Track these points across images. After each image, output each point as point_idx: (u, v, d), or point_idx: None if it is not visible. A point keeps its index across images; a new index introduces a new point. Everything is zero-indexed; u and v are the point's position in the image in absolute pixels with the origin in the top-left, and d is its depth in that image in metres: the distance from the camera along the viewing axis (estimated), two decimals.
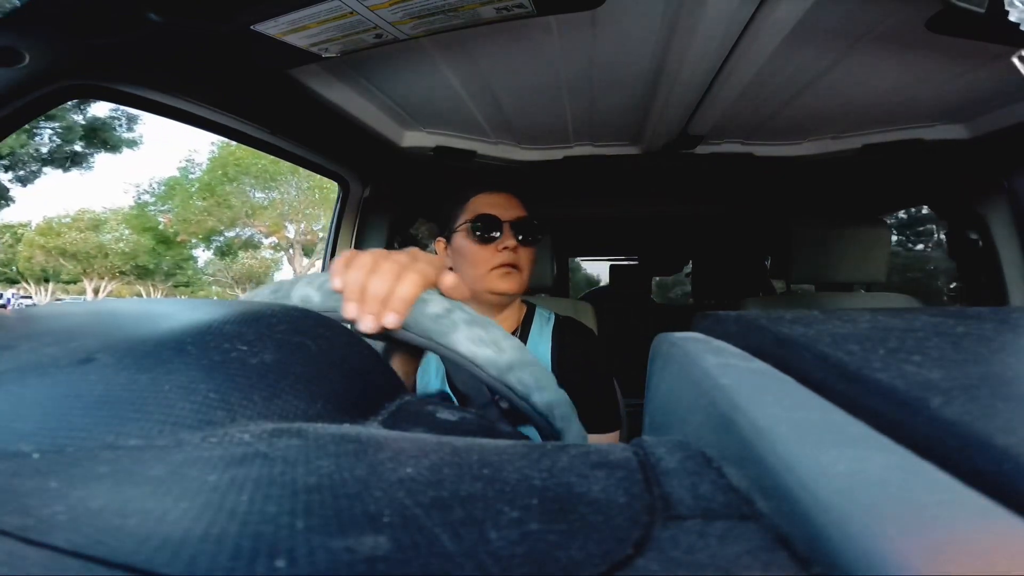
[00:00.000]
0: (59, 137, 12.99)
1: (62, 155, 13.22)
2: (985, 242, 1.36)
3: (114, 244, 18.71)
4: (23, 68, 0.61)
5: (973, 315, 0.25)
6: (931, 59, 0.86)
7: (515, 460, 0.17)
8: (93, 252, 18.34)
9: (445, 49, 0.86)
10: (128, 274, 19.17)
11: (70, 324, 0.24)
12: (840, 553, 0.11)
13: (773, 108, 1.09)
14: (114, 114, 14.04)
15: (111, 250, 18.52)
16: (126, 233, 18.84)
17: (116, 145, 14.22)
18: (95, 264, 18.42)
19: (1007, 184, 1.32)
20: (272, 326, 0.25)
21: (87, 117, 13.45)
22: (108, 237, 18.89)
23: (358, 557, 0.11)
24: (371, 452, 0.17)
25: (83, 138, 13.45)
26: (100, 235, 18.83)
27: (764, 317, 0.25)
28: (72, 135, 13.03)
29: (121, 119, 14.23)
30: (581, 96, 1.06)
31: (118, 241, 18.76)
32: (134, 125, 14.64)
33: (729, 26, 0.75)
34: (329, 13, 0.65)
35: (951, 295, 10.59)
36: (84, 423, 0.17)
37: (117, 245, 18.67)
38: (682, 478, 0.16)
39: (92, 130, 13.59)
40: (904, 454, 0.13)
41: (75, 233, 18.40)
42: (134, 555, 0.11)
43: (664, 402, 0.25)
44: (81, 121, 13.27)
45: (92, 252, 18.32)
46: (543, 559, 0.12)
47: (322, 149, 1.28)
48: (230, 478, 0.14)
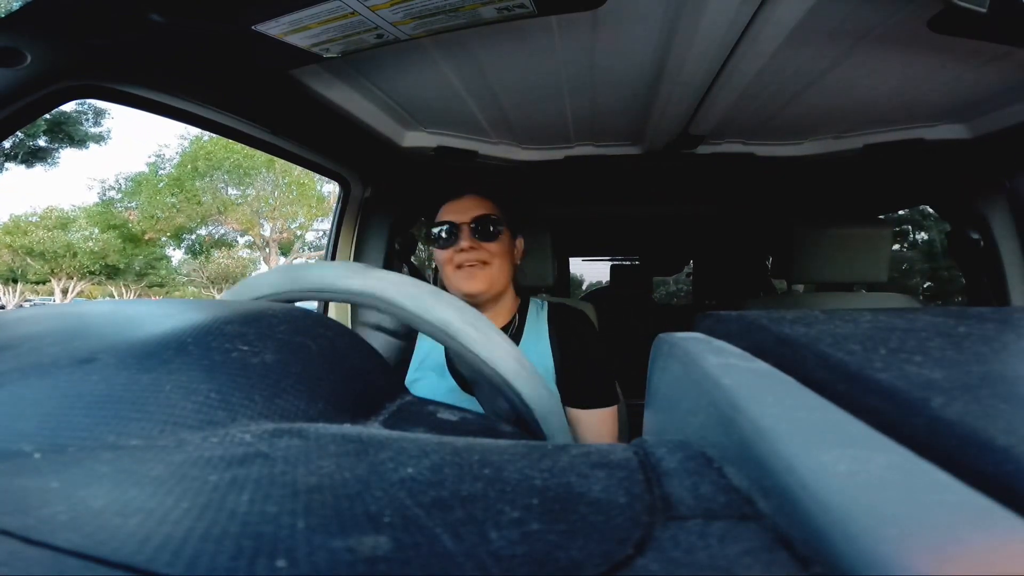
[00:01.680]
0: (23, 132, 12.77)
1: (25, 150, 12.95)
2: (986, 242, 1.36)
3: (83, 243, 18.32)
4: (24, 68, 0.61)
5: (974, 315, 0.25)
6: (933, 59, 0.86)
7: (516, 460, 0.17)
8: (61, 251, 17.96)
9: (446, 49, 0.86)
10: (98, 274, 18.82)
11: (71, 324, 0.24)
12: (841, 553, 0.11)
13: (774, 108, 1.09)
14: (80, 108, 13.77)
15: (80, 249, 18.15)
16: (95, 232, 18.51)
17: (82, 140, 13.97)
18: (63, 264, 18.08)
19: (1009, 184, 1.31)
20: (273, 326, 0.25)
21: (52, 112, 13.30)
22: (77, 236, 18.49)
23: (359, 557, 0.11)
24: (372, 452, 0.17)
25: (47, 132, 13.19)
26: (68, 234, 18.43)
27: (765, 317, 0.25)
28: (35, 129, 12.76)
29: (88, 113, 13.97)
30: (582, 96, 1.06)
31: (87, 240, 18.39)
32: (101, 119, 14.40)
33: (730, 26, 0.74)
34: (330, 13, 0.65)
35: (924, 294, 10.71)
36: (85, 423, 0.17)
37: (86, 244, 18.29)
38: (683, 478, 0.16)
39: (56, 124, 13.30)
40: (905, 454, 0.13)
41: (42, 232, 18.01)
42: (135, 555, 0.11)
43: (665, 402, 0.25)
44: (45, 116, 13.11)
45: (60, 251, 17.93)
46: (544, 559, 0.12)
47: (323, 149, 1.28)
48: (231, 478, 0.14)
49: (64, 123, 13.54)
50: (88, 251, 18.20)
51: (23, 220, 18.45)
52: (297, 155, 1.22)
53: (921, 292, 10.85)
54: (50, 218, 18.69)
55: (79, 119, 13.84)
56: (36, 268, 18.36)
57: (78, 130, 13.85)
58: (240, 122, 1.00)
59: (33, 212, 18.88)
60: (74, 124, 13.77)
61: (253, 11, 0.64)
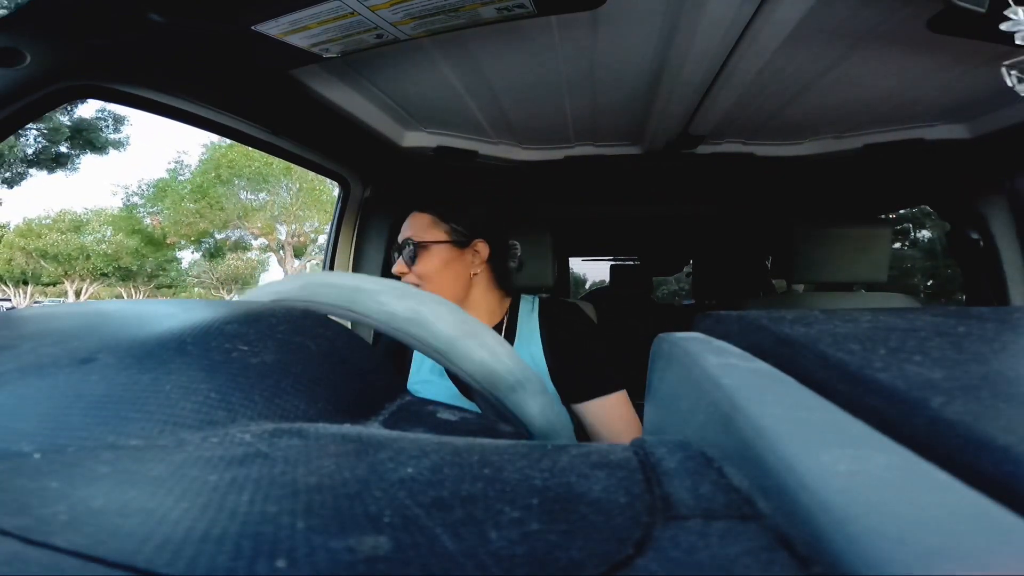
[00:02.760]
0: (45, 138, 12.89)
1: (48, 156, 13.10)
2: (986, 242, 1.36)
3: (96, 246, 18.46)
4: (24, 68, 0.61)
5: (975, 315, 0.25)
6: (932, 59, 0.86)
7: (516, 460, 0.17)
8: (74, 254, 18.13)
9: (446, 49, 0.86)
10: (110, 276, 18.92)
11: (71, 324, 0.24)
12: (841, 553, 0.11)
13: (774, 108, 1.09)
14: (100, 115, 13.95)
15: (93, 252, 18.30)
16: (108, 234, 18.62)
17: (103, 146, 14.13)
18: (76, 266, 18.21)
19: (1008, 184, 1.31)
20: (273, 326, 0.25)
21: (72, 118, 13.35)
22: (90, 238, 18.63)
23: (359, 557, 0.11)
24: (372, 452, 0.17)
25: (68, 139, 13.34)
26: (82, 236, 18.56)
27: (765, 317, 0.25)
28: (59, 136, 12.93)
29: (107, 119, 14.14)
30: (582, 96, 1.06)
31: (100, 243, 18.52)
32: (121, 126, 14.56)
33: (730, 26, 0.75)
34: (330, 13, 0.65)
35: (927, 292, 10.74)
36: (85, 423, 0.17)
37: (99, 247, 18.44)
38: (683, 478, 0.16)
39: (77, 131, 13.48)
40: (905, 454, 0.13)
41: (56, 235, 18.20)
42: (135, 555, 0.11)
43: (665, 402, 0.25)
44: (67, 122, 13.16)
45: (73, 254, 18.10)
46: (544, 559, 0.12)
47: (323, 149, 1.28)
48: (231, 478, 0.14)
49: (85, 130, 13.67)
50: (101, 253, 18.31)
51: (36, 223, 18.54)
52: (297, 155, 1.22)
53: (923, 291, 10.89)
54: (63, 221, 18.78)
55: (99, 126, 13.96)
56: (50, 270, 18.45)
57: (99, 136, 13.98)
58: (240, 122, 1.00)
59: (47, 215, 18.96)
60: (95, 131, 13.89)
61: (253, 11, 0.64)
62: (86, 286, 19.14)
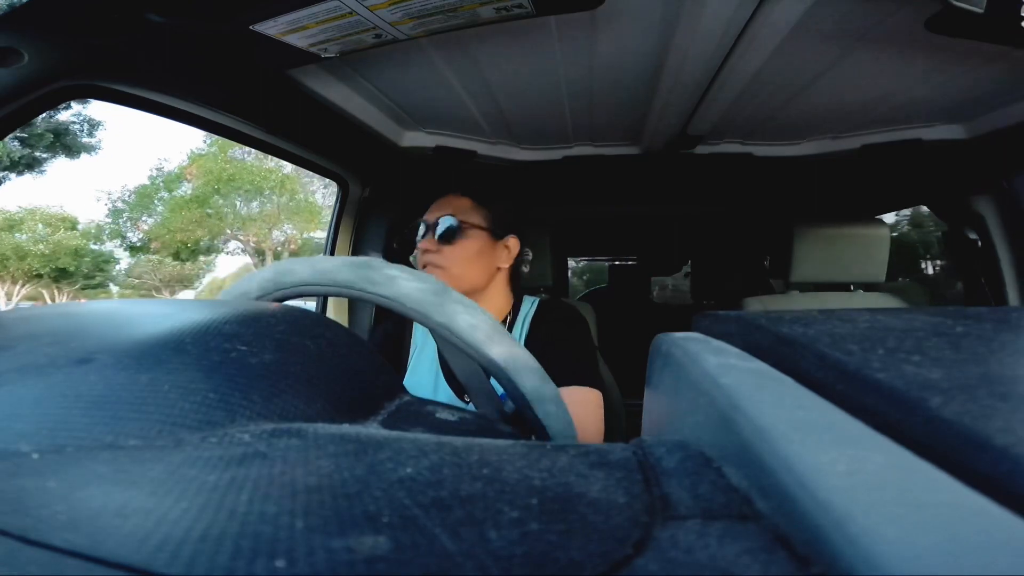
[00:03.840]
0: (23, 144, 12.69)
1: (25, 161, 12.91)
2: (984, 242, 1.36)
3: (32, 245, 17.29)
4: (22, 68, 0.61)
5: (972, 315, 0.25)
6: (930, 59, 0.86)
7: (515, 460, 0.17)
8: (8, 253, 17.07)
9: (445, 49, 0.86)
10: (45, 277, 17.77)
11: (69, 324, 0.24)
12: (839, 553, 0.11)
13: (772, 108, 1.10)
14: (75, 119, 13.74)
15: (30, 252, 17.16)
16: (45, 233, 17.49)
17: (79, 150, 13.92)
18: (10, 266, 17.16)
19: (1006, 184, 1.32)
20: (271, 326, 0.25)
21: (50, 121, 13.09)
22: (24, 237, 17.48)
23: (358, 557, 0.11)
24: (371, 452, 0.17)
25: (48, 146, 13.19)
26: (16, 235, 17.40)
27: (764, 317, 0.25)
28: (43, 141, 12.78)
29: (83, 124, 13.93)
30: (581, 96, 1.06)
31: (37, 243, 17.36)
32: (95, 131, 14.33)
33: (728, 26, 0.75)
34: (328, 13, 0.65)
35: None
36: (83, 423, 0.17)
37: (36, 247, 17.28)
38: (682, 478, 0.16)
39: (56, 135, 13.28)
40: (903, 454, 0.13)
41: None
42: (134, 555, 0.11)
43: (664, 402, 0.25)
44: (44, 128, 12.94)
45: (7, 254, 17.06)
46: (543, 559, 0.12)
47: (321, 149, 1.28)
48: (230, 478, 0.14)
49: (61, 134, 13.47)
50: (38, 254, 17.21)
51: None
52: (295, 155, 1.21)
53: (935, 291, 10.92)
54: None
55: (73, 130, 13.79)
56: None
57: (75, 141, 13.80)
58: (238, 122, 1.00)
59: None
60: (72, 136, 13.73)
61: (251, 11, 0.64)
62: (18, 288, 17.90)
